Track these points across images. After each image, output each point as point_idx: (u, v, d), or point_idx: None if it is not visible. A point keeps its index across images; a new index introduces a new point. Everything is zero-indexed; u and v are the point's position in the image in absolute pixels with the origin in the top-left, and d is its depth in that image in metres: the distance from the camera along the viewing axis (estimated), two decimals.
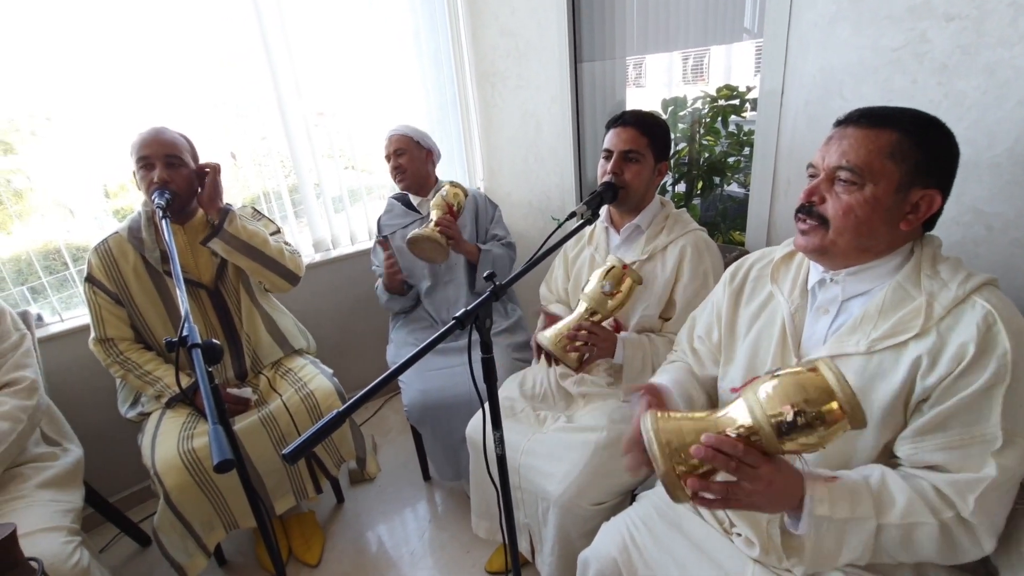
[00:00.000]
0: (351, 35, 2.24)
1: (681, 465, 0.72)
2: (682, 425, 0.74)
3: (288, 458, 0.67)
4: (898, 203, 0.81)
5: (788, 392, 0.67)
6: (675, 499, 0.73)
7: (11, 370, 1.41)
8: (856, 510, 0.76)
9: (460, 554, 1.73)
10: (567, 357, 1.27)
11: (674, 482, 0.71)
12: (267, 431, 1.54)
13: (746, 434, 0.71)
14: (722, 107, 2.00)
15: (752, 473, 0.71)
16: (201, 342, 0.94)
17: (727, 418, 0.73)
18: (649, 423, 0.74)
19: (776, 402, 0.68)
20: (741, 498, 0.73)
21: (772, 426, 0.68)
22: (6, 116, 1.72)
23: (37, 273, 1.81)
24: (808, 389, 0.66)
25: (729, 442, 0.70)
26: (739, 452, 0.70)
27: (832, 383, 0.66)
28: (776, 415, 0.67)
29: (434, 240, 1.66)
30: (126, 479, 2.01)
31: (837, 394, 0.65)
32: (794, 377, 0.69)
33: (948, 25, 1.19)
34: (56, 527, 1.25)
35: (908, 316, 0.81)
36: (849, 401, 0.65)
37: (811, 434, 0.66)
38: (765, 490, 0.73)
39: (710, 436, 0.71)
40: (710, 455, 0.70)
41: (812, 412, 0.66)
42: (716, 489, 0.72)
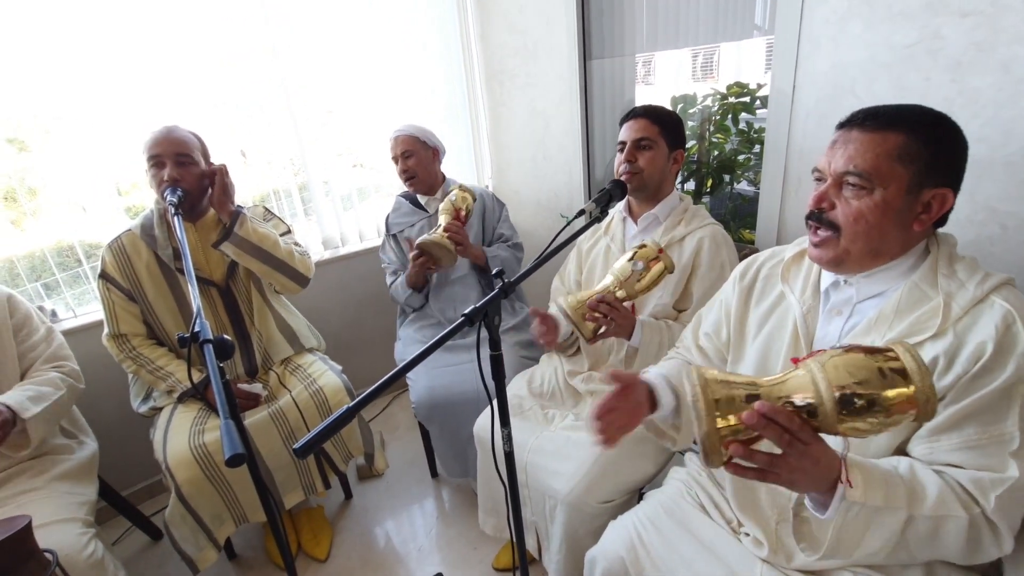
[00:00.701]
0: (360, 34, 2.24)
1: (726, 427, 0.66)
2: (733, 386, 0.68)
3: (299, 453, 0.67)
4: (909, 205, 0.80)
5: (861, 369, 0.62)
6: (709, 462, 0.67)
7: (50, 361, 1.47)
8: (890, 499, 0.73)
9: (467, 551, 1.73)
10: (583, 325, 1.26)
11: (715, 444, 0.66)
12: (277, 426, 1.55)
13: (802, 407, 0.65)
14: (732, 104, 1.99)
15: (802, 450, 0.67)
16: (213, 338, 0.95)
17: (785, 387, 0.67)
18: (696, 377, 0.68)
19: (844, 377, 0.62)
20: (782, 473, 0.68)
21: (835, 402, 0.62)
22: (20, 114, 1.74)
23: (51, 270, 1.84)
24: (884, 370, 0.61)
25: (786, 413, 0.65)
26: (795, 426, 0.65)
27: (911, 368, 0.60)
28: (842, 391, 0.62)
29: (443, 246, 1.67)
30: (138, 473, 2.04)
31: (915, 381, 0.60)
32: (869, 355, 0.63)
33: (963, 21, 1.17)
34: (71, 519, 1.28)
35: (925, 316, 0.80)
36: (926, 391, 0.60)
37: (873, 418, 0.61)
38: (811, 468, 0.69)
39: (765, 404, 0.65)
40: (763, 424, 0.65)
41: (880, 395, 0.60)
42: (760, 459, 0.68)
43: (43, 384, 1.40)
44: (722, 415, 0.67)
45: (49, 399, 1.37)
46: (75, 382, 1.49)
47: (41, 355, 1.46)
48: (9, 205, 1.81)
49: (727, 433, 0.67)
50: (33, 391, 1.36)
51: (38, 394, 1.36)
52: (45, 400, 1.36)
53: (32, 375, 1.43)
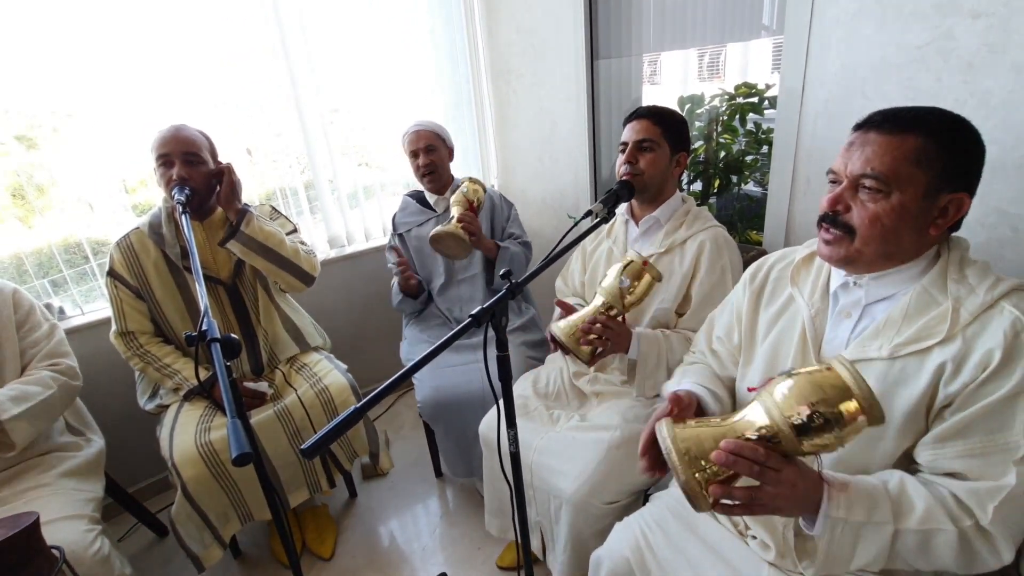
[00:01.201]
0: (367, 32, 2.25)
1: (701, 472, 0.71)
2: (700, 432, 0.73)
3: (306, 454, 0.67)
4: (926, 209, 0.78)
5: (804, 392, 0.66)
6: (697, 508, 0.71)
7: (47, 357, 1.45)
8: (873, 514, 0.74)
9: (471, 550, 1.73)
10: (580, 350, 1.27)
11: (695, 490, 0.70)
12: (282, 425, 1.55)
13: (766, 436, 0.70)
14: (740, 105, 1.98)
15: (775, 476, 0.70)
16: (220, 337, 0.95)
17: (745, 422, 0.72)
18: (666, 431, 0.73)
19: (793, 402, 0.67)
20: (765, 502, 0.72)
21: (790, 427, 0.67)
22: (29, 112, 1.75)
23: (59, 266, 1.85)
24: (824, 388, 0.66)
25: (749, 446, 0.69)
26: (760, 456, 0.69)
27: (848, 381, 0.65)
28: (794, 416, 0.66)
29: (457, 236, 1.66)
30: (144, 470, 2.05)
31: (854, 391, 0.64)
32: (809, 376, 0.68)
33: (975, 22, 1.16)
34: (78, 515, 1.28)
35: (933, 321, 0.79)
36: (866, 398, 0.64)
37: (830, 433, 0.65)
38: (789, 493, 0.71)
39: (729, 441, 0.69)
40: (731, 460, 0.69)
41: (830, 411, 0.65)
42: (739, 495, 0.71)
43: (31, 384, 1.36)
44: (694, 462, 0.71)
45: (34, 399, 1.33)
46: (69, 380, 1.45)
47: (40, 351, 1.45)
48: (17, 202, 1.82)
49: (704, 478, 0.71)
50: (18, 391, 1.32)
51: (22, 394, 1.32)
52: (28, 400, 1.32)
53: (27, 372, 1.42)
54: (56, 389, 1.40)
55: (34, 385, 1.36)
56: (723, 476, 0.71)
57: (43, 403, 1.35)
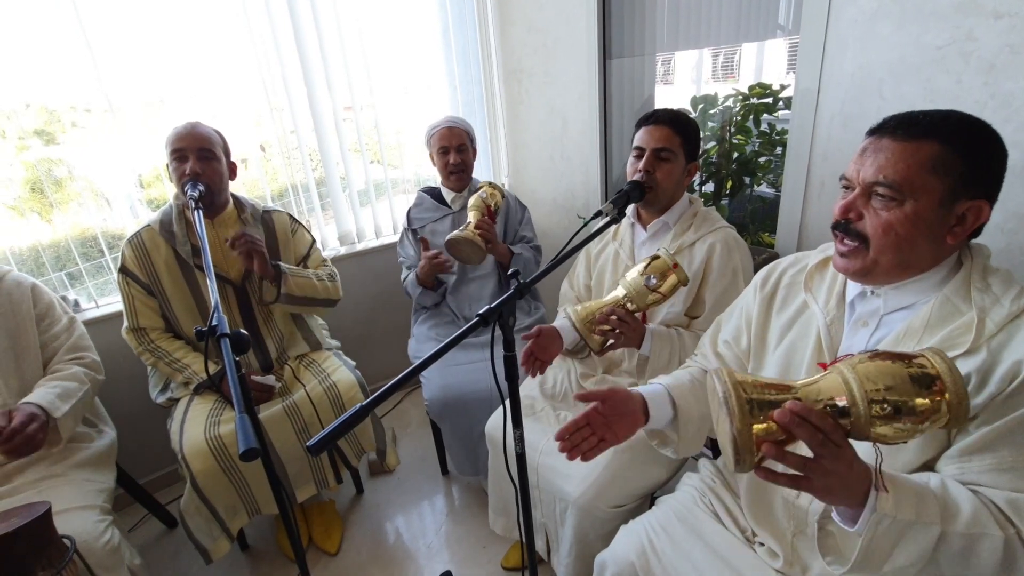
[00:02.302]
0: (381, 31, 2.25)
1: (758, 427, 0.65)
2: (764, 389, 0.67)
3: (312, 450, 0.68)
4: (942, 217, 0.76)
5: (891, 374, 0.62)
6: (739, 465, 0.65)
7: (71, 351, 1.50)
8: (922, 514, 0.69)
9: (476, 549, 1.74)
10: (591, 338, 1.25)
11: (748, 443, 0.64)
12: (291, 421, 1.57)
13: (837, 410, 0.64)
14: (754, 105, 1.96)
15: (835, 452, 0.64)
16: (229, 332, 0.96)
17: (814, 388, 0.67)
18: (727, 376, 0.67)
19: (878, 381, 0.62)
20: (816, 478, 0.66)
21: (867, 404, 0.62)
22: (49, 108, 1.78)
23: (75, 259, 1.87)
24: (917, 376, 0.61)
25: (818, 413, 0.63)
26: (828, 425, 0.63)
27: (944, 374, 0.61)
28: (876, 395, 0.62)
29: (474, 243, 1.66)
30: (155, 462, 2.08)
31: (948, 386, 0.60)
32: (902, 361, 0.63)
33: (997, 23, 1.14)
34: (90, 506, 1.30)
35: (957, 332, 0.76)
36: (958, 395, 0.60)
37: (906, 423, 0.61)
38: (845, 473, 0.66)
39: (797, 403, 0.64)
40: (796, 423, 0.63)
41: (914, 399, 0.61)
42: (793, 461, 0.65)
43: (68, 379, 1.42)
44: (754, 414, 0.65)
45: (76, 395, 1.40)
46: (96, 374, 1.52)
47: (63, 345, 1.49)
48: (36, 196, 1.85)
49: (760, 432, 0.65)
50: (60, 388, 1.39)
51: (65, 391, 1.39)
52: (73, 397, 1.39)
53: (54, 366, 1.46)
54: (90, 385, 1.47)
55: (72, 381, 1.43)
56: (776, 438, 0.65)
57: (82, 398, 1.43)
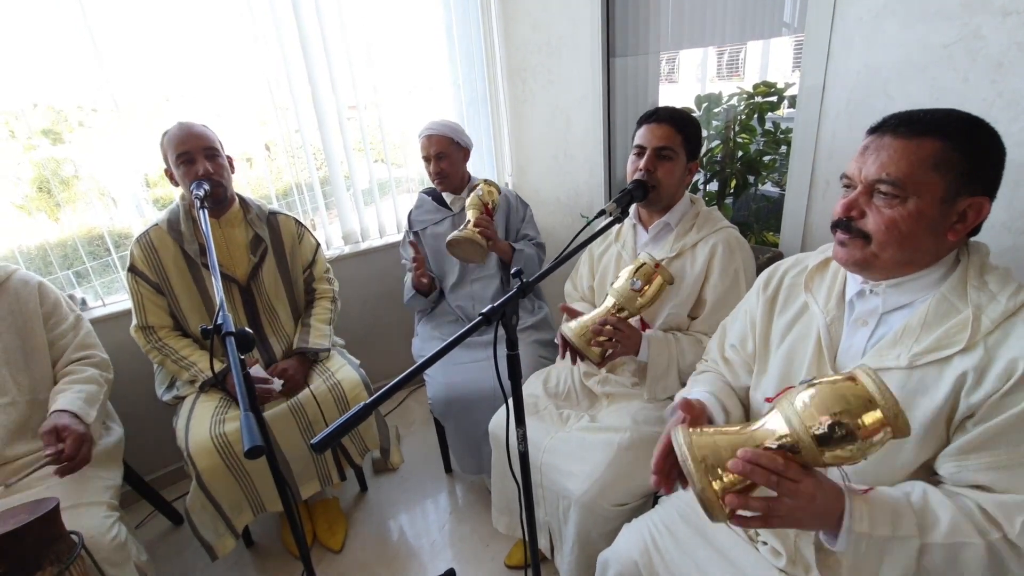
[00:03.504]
0: (385, 30, 2.26)
1: (718, 481, 0.69)
2: (717, 440, 0.71)
3: (316, 448, 0.68)
4: (944, 214, 0.76)
5: (827, 401, 0.64)
6: (712, 518, 0.69)
7: (79, 349, 1.52)
8: (898, 528, 0.72)
9: (479, 547, 1.74)
10: (590, 351, 1.26)
11: (711, 500, 0.68)
12: (295, 419, 1.57)
13: (786, 446, 0.67)
14: (759, 104, 1.95)
15: (794, 488, 0.68)
16: (234, 330, 0.97)
17: (764, 431, 0.70)
18: (682, 438, 0.71)
19: (814, 412, 0.65)
20: (782, 514, 0.69)
21: (812, 437, 0.65)
22: (56, 107, 1.79)
23: (82, 258, 1.89)
24: (848, 398, 0.63)
25: (768, 456, 0.67)
26: (779, 466, 0.67)
27: (873, 391, 0.63)
28: (815, 425, 0.64)
29: (474, 241, 1.66)
30: (162, 459, 2.09)
31: (879, 402, 0.62)
32: (832, 386, 0.65)
33: (1004, 20, 1.13)
34: (97, 502, 1.31)
35: (953, 330, 0.77)
36: (892, 409, 0.61)
37: (852, 445, 0.63)
38: (807, 505, 0.69)
39: (747, 450, 0.68)
40: (748, 469, 0.67)
41: (853, 422, 0.62)
42: (756, 506, 0.69)
43: (87, 383, 1.45)
44: (711, 470, 0.69)
45: (99, 399, 1.45)
46: (107, 374, 1.55)
47: (70, 343, 1.50)
48: (43, 195, 1.86)
49: (720, 487, 0.69)
50: (85, 392, 1.42)
51: (90, 396, 1.43)
52: (97, 401, 1.44)
53: (64, 366, 1.47)
54: (105, 387, 1.52)
55: (91, 384, 1.47)
56: (740, 486, 0.69)
57: (103, 401, 1.49)
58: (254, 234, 1.67)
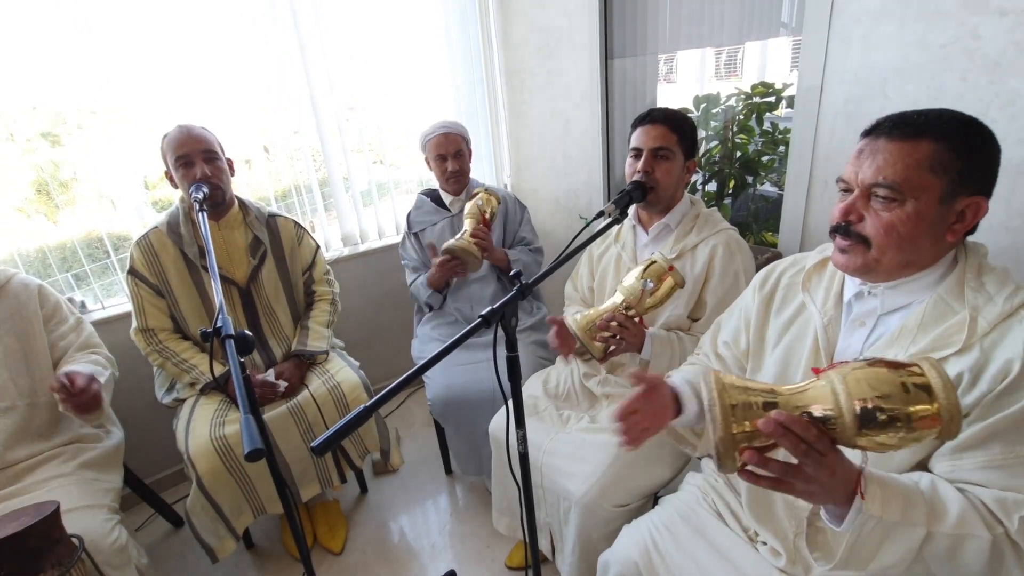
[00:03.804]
0: (383, 31, 2.26)
1: (741, 433, 0.66)
2: (750, 394, 0.68)
3: (316, 451, 0.68)
4: (942, 215, 0.76)
5: (884, 382, 0.61)
6: (722, 467, 0.67)
7: (81, 348, 1.52)
8: (908, 515, 0.70)
9: (480, 548, 1.74)
10: (592, 345, 1.26)
11: (729, 449, 0.66)
12: (295, 421, 1.57)
13: (821, 418, 0.65)
14: (757, 104, 1.96)
15: (819, 460, 0.65)
16: (234, 333, 0.97)
17: (803, 397, 0.67)
18: (713, 382, 0.68)
19: (866, 390, 0.61)
20: (797, 483, 0.67)
21: (855, 415, 0.61)
22: (54, 110, 1.79)
23: (81, 261, 1.89)
24: (907, 385, 0.60)
25: (802, 422, 0.64)
26: (812, 436, 0.64)
27: (936, 385, 0.59)
28: (863, 404, 0.61)
29: (469, 251, 1.66)
30: (161, 462, 2.09)
31: (939, 398, 0.59)
32: (893, 369, 0.62)
33: (1002, 20, 1.14)
34: (97, 505, 1.31)
35: (950, 331, 0.77)
36: (950, 409, 0.58)
37: (895, 433, 0.60)
38: (827, 480, 0.67)
39: (782, 413, 0.65)
40: (779, 432, 0.64)
41: (903, 410, 0.59)
42: (774, 468, 0.67)
43: (94, 363, 1.47)
44: (738, 421, 0.66)
45: (105, 374, 1.46)
46: (113, 370, 1.55)
47: (72, 344, 1.50)
48: (42, 198, 1.86)
49: (742, 439, 0.66)
50: (93, 365, 1.44)
51: (97, 366, 1.45)
52: (103, 374, 1.44)
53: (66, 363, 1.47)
54: (111, 370, 1.53)
55: (98, 365, 1.48)
56: (761, 444, 0.67)
57: (109, 380, 1.48)
58: (253, 236, 1.67)
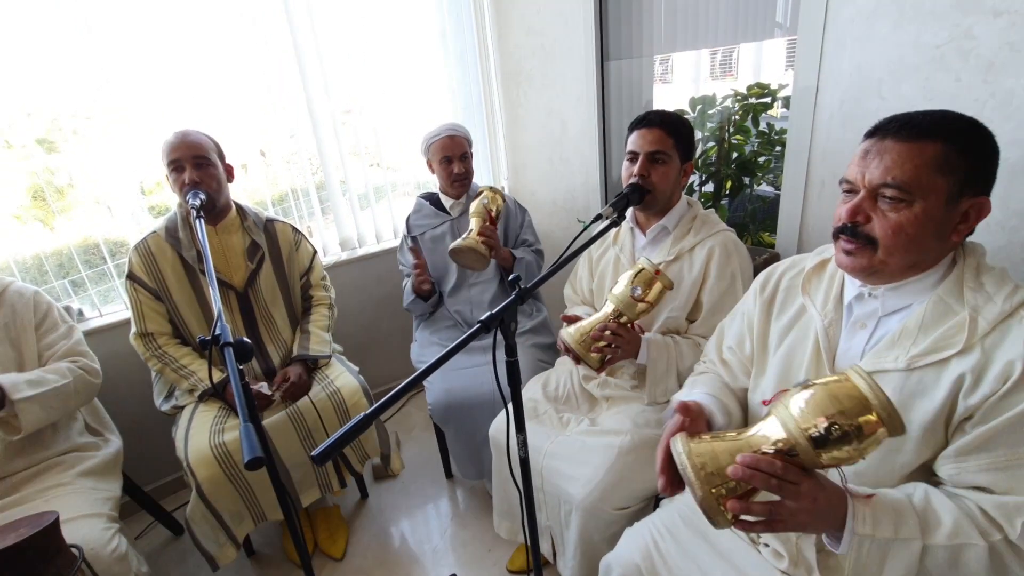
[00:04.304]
0: (378, 34, 2.26)
1: (719, 488, 0.69)
2: (715, 446, 0.71)
3: (317, 460, 0.68)
4: (949, 215, 0.77)
5: (821, 403, 0.65)
6: (716, 525, 0.69)
7: (67, 355, 1.48)
8: (900, 530, 0.72)
9: (481, 552, 1.74)
10: (589, 357, 1.26)
11: (713, 507, 0.68)
12: (295, 427, 1.57)
13: (783, 450, 0.68)
14: (752, 105, 1.96)
15: (794, 490, 0.68)
16: (233, 341, 0.96)
17: (760, 436, 0.70)
18: (680, 447, 0.71)
19: (809, 415, 0.65)
20: (785, 518, 0.70)
21: (808, 440, 0.65)
22: (50, 116, 1.78)
23: (77, 267, 1.88)
24: (841, 399, 0.64)
25: (766, 460, 0.67)
26: (778, 469, 0.67)
27: (865, 391, 0.63)
28: (811, 428, 0.64)
29: (476, 250, 1.65)
30: (160, 469, 2.08)
31: (872, 402, 0.62)
32: (825, 388, 0.66)
33: (996, 20, 1.14)
34: (97, 514, 1.31)
35: (950, 332, 0.77)
36: (885, 408, 0.62)
37: (849, 445, 0.63)
38: (810, 507, 0.69)
39: (746, 455, 0.68)
40: (748, 475, 0.67)
41: (848, 422, 0.63)
42: (758, 510, 0.69)
43: (48, 372, 1.40)
44: (711, 478, 0.69)
45: (47, 385, 1.36)
46: (86, 375, 1.48)
47: (59, 350, 1.48)
48: (38, 204, 1.86)
49: (721, 494, 0.69)
50: (36, 376, 1.37)
51: (38, 379, 1.36)
52: (43, 385, 1.35)
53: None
54: (71, 380, 1.42)
55: (51, 373, 1.40)
56: (741, 491, 0.69)
57: (56, 391, 1.37)
58: (251, 241, 1.67)
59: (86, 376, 1.48)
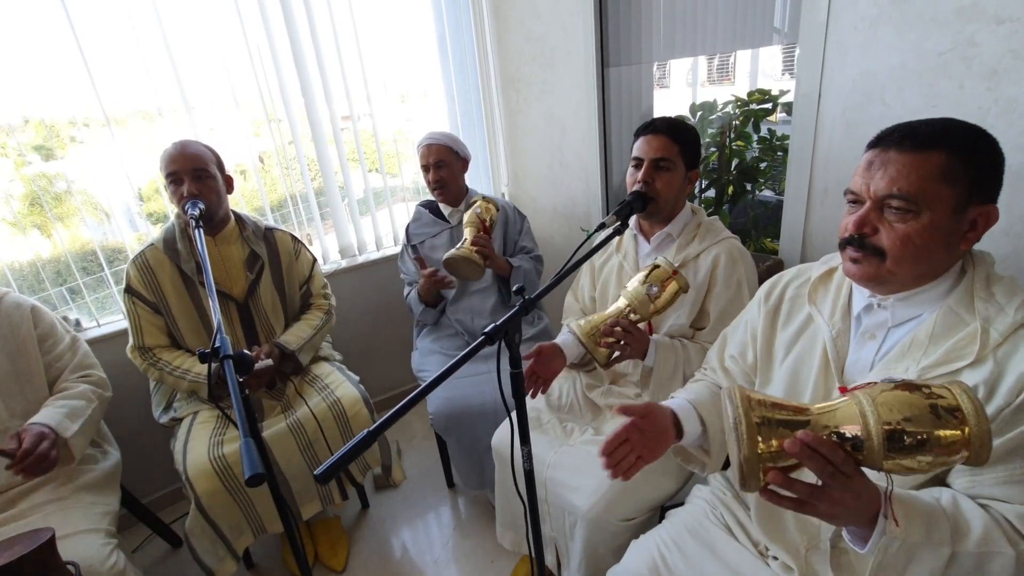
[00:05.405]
0: (377, 40, 2.25)
1: (766, 452, 0.65)
2: (776, 411, 0.67)
3: (320, 478, 0.67)
4: (956, 224, 0.76)
5: (913, 406, 0.60)
6: (745, 486, 0.66)
7: (77, 369, 1.50)
8: (932, 535, 0.69)
9: (484, 563, 1.72)
10: (597, 351, 1.25)
11: (755, 469, 0.64)
12: (295, 438, 1.55)
13: (850, 440, 0.64)
14: (753, 111, 1.96)
15: (844, 483, 0.65)
16: (233, 353, 0.95)
17: (831, 416, 0.66)
18: (739, 398, 0.67)
19: (895, 413, 0.60)
20: (822, 505, 0.67)
21: (883, 438, 0.61)
22: (47, 123, 1.78)
23: (74, 274, 1.86)
24: (939, 409, 0.59)
25: (830, 445, 0.64)
26: (839, 458, 0.63)
27: (968, 411, 0.59)
28: (892, 427, 0.60)
29: (471, 260, 1.65)
30: (158, 481, 2.06)
31: (971, 423, 0.58)
32: (924, 393, 0.61)
33: (998, 28, 1.14)
34: (94, 529, 1.29)
35: (962, 343, 0.76)
36: (981, 436, 0.58)
37: (922, 458, 0.60)
38: (852, 502, 0.66)
39: (809, 433, 0.64)
40: (806, 454, 0.63)
41: (932, 435, 0.59)
42: (800, 490, 0.66)
43: (75, 398, 1.42)
44: (764, 440, 0.65)
45: (85, 414, 1.40)
46: (103, 391, 1.51)
47: (67, 364, 1.48)
48: (35, 211, 1.84)
49: (768, 458, 0.65)
50: (68, 408, 1.38)
51: (73, 410, 1.39)
52: (81, 415, 1.39)
53: (60, 386, 1.45)
54: (97, 403, 1.47)
55: (79, 400, 1.42)
56: (784, 464, 0.65)
57: (91, 417, 1.43)
58: (250, 251, 1.65)
59: (103, 393, 1.52)
